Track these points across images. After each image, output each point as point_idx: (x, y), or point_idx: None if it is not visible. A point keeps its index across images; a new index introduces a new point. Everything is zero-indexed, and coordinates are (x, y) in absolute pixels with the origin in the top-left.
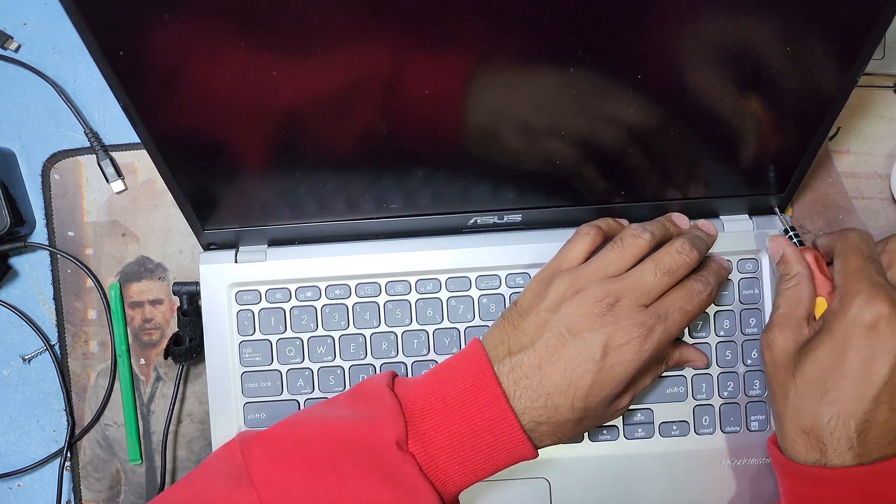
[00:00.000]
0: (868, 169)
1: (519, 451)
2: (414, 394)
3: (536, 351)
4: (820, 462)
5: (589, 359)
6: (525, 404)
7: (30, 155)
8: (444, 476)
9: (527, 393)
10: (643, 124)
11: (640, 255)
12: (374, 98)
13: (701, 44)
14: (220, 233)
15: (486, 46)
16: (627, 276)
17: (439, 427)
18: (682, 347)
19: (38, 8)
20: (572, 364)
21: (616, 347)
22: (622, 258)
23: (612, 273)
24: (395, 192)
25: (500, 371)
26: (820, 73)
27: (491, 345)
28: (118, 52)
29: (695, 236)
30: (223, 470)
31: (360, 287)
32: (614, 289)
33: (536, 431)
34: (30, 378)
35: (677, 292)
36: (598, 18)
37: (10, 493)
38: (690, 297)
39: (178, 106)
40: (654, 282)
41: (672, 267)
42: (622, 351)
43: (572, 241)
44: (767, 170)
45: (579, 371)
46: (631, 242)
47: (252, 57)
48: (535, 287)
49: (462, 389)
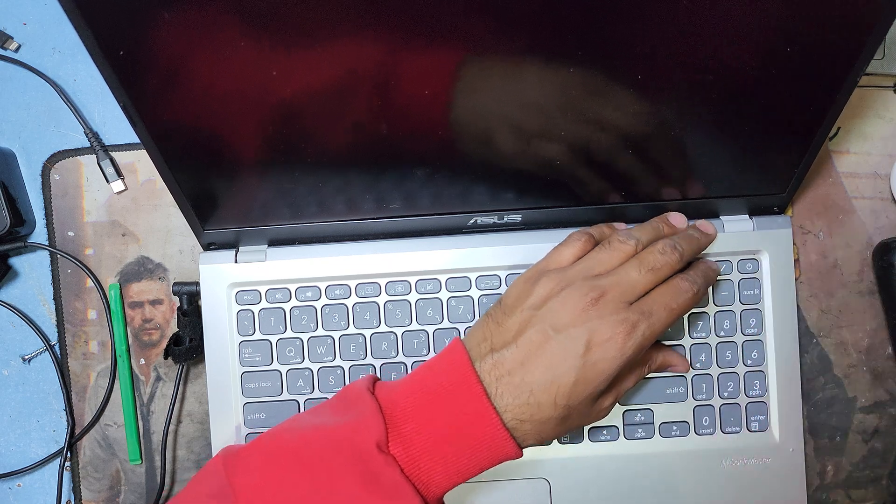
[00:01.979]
0: (868, 169)
1: (502, 449)
2: (394, 396)
3: (519, 347)
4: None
5: (572, 354)
6: (507, 402)
7: (30, 155)
8: (427, 478)
9: (509, 390)
10: (643, 124)
11: (626, 258)
12: (373, 97)
13: (701, 43)
14: (220, 233)
15: (485, 45)
16: (612, 274)
17: (420, 428)
18: (666, 351)
19: (38, 8)
20: (556, 360)
21: (599, 343)
22: (609, 259)
23: (598, 272)
24: (395, 192)
25: (481, 369)
26: (820, 73)
27: (473, 343)
28: (118, 51)
29: (686, 236)
30: (208, 490)
31: (360, 287)
32: (598, 284)
33: (519, 430)
34: (30, 378)
35: (662, 289)
36: (597, 18)
37: (10, 493)
38: (676, 295)
39: (177, 106)
40: (637, 278)
41: (655, 265)
42: (606, 346)
43: (562, 245)
44: (768, 170)
45: (563, 367)
46: (618, 246)
47: (252, 56)
48: (521, 286)
49: (442, 389)
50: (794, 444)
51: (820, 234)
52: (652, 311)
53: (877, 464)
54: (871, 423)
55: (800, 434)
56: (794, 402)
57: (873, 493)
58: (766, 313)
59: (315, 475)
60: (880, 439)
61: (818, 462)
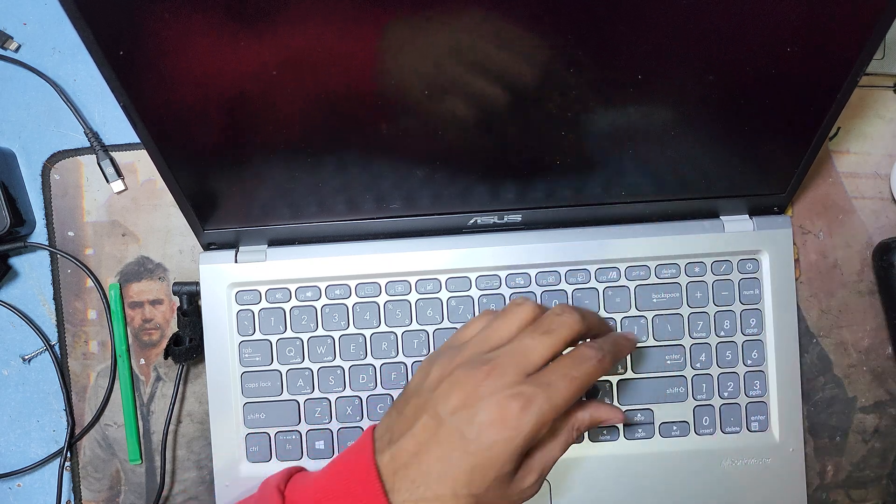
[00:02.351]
0: (868, 169)
1: None
2: (302, 493)
3: (414, 436)
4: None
5: (464, 440)
6: (405, 497)
7: (30, 155)
8: None
9: (405, 485)
10: (643, 124)
11: (523, 325)
12: (373, 97)
13: (701, 43)
14: (220, 233)
15: (484, 45)
16: (507, 344)
17: None
18: (593, 408)
19: (37, 8)
20: (448, 448)
21: (491, 423)
22: (504, 327)
23: (493, 344)
24: (395, 191)
25: (381, 462)
26: (820, 73)
27: (379, 433)
28: (118, 51)
29: (592, 313)
30: None
31: (360, 287)
32: (489, 357)
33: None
34: (30, 378)
35: (563, 359)
36: (598, 17)
37: (10, 493)
38: (577, 363)
39: (177, 105)
40: (531, 344)
41: (550, 327)
42: (499, 427)
43: (471, 320)
44: (768, 170)
45: (456, 454)
46: (513, 310)
47: (251, 56)
48: (422, 367)
49: (344, 486)
50: (794, 444)
51: (820, 234)
52: (550, 382)
53: (877, 464)
54: (871, 423)
55: (800, 434)
56: (794, 402)
57: (873, 493)
58: (766, 313)
59: None
60: (880, 439)
61: (818, 462)
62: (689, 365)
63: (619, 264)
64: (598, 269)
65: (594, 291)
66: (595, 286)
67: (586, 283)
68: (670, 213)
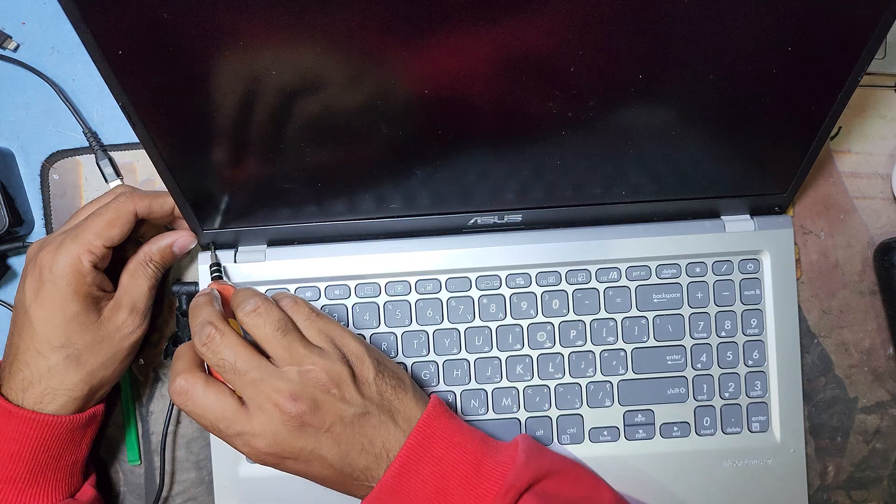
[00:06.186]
0: (869, 169)
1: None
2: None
3: (10, 335)
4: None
5: (25, 311)
6: (13, 385)
7: (28, 155)
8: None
9: (9, 376)
10: (644, 124)
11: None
12: (373, 97)
13: (702, 43)
14: (219, 233)
15: (485, 43)
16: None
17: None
18: (157, 237)
19: (36, 8)
20: (18, 325)
21: (28, 279)
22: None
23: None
24: (394, 191)
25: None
26: (821, 72)
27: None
28: (117, 51)
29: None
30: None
31: (359, 287)
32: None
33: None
34: None
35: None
36: (598, 17)
37: None
38: (104, 205)
39: (176, 106)
40: (91, 222)
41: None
42: (34, 281)
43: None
44: (769, 169)
45: (23, 320)
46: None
47: (250, 56)
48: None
49: None
50: (795, 444)
51: (821, 233)
52: (76, 230)
53: (878, 464)
54: (872, 423)
55: (801, 434)
56: (795, 403)
57: (874, 493)
58: (767, 313)
59: None
60: (881, 440)
61: (819, 462)
62: (689, 365)
63: (619, 264)
64: (598, 269)
65: (595, 292)
66: (595, 286)
67: (587, 283)
68: (671, 213)
